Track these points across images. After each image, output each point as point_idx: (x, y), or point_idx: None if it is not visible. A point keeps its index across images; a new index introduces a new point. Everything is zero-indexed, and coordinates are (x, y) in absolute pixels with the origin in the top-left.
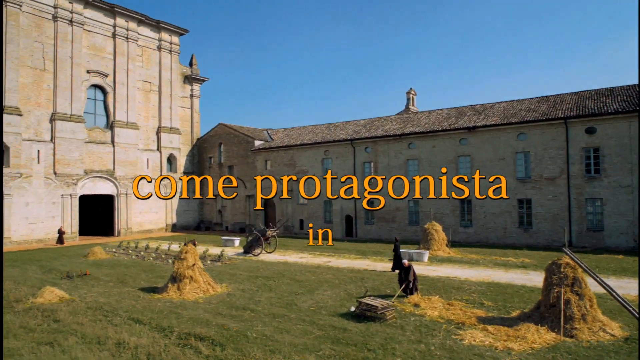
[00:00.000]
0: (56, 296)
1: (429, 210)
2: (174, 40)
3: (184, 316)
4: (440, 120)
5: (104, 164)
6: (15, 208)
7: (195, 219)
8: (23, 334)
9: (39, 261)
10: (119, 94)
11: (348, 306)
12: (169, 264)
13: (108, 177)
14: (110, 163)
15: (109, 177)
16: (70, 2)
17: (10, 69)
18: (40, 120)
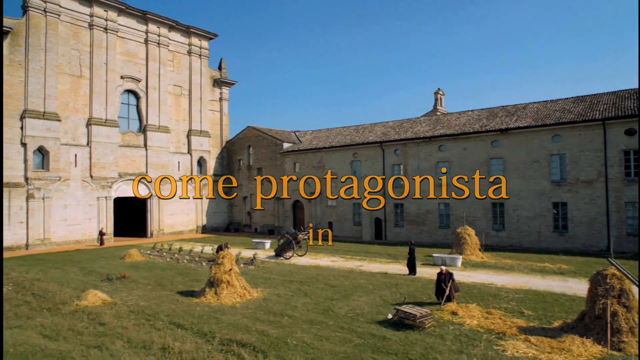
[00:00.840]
0: (99, 299)
1: (460, 213)
2: (203, 44)
3: (223, 321)
4: (471, 122)
5: (137, 167)
6: (55, 210)
7: (225, 220)
8: (72, 336)
9: (78, 263)
10: (151, 99)
11: (385, 313)
12: (203, 267)
13: (141, 179)
14: (143, 166)
15: (142, 180)
16: (105, 10)
17: (50, 76)
18: (77, 125)
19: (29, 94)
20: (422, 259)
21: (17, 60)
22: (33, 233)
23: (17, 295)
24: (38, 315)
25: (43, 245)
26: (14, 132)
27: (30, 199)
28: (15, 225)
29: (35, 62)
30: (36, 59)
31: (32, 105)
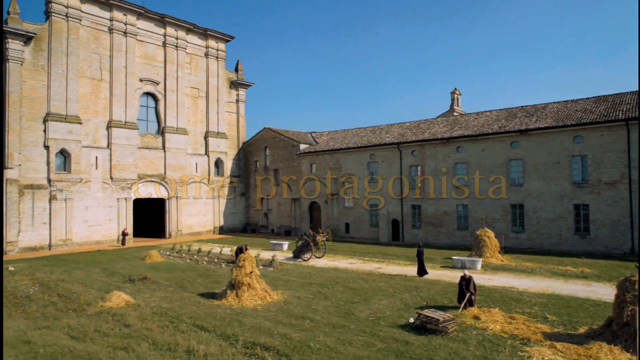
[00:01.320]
0: (123, 300)
1: (479, 214)
2: (220, 47)
3: (246, 324)
4: (489, 123)
5: (156, 168)
6: (76, 211)
7: (242, 221)
8: (98, 338)
9: (100, 264)
10: (169, 101)
11: (406, 317)
12: (222, 268)
13: (160, 181)
14: (161, 168)
15: (160, 181)
16: (125, 15)
17: (71, 80)
18: (98, 127)
19: (51, 97)
20: (440, 262)
21: (40, 65)
22: (55, 234)
23: (44, 296)
24: (64, 316)
25: (65, 246)
26: (37, 135)
27: (52, 200)
28: (38, 226)
29: (57, 66)
30: (58, 63)
31: (55, 108)
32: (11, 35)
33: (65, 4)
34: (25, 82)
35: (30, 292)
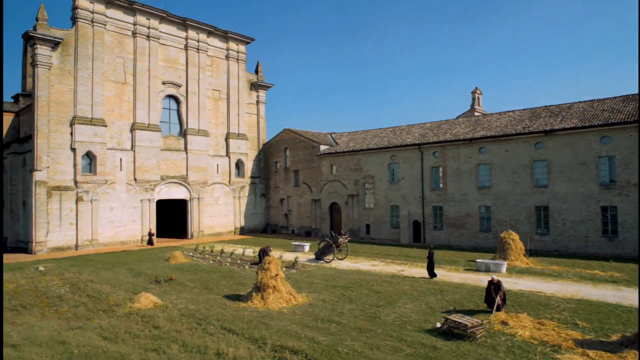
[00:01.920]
0: (151, 302)
1: (502, 216)
2: (240, 49)
3: (272, 327)
4: (512, 123)
5: (178, 170)
6: (102, 212)
7: (262, 222)
8: (129, 339)
9: (126, 264)
10: (191, 103)
11: (432, 321)
12: (245, 270)
13: (181, 182)
14: (183, 169)
15: (182, 183)
16: (148, 19)
17: (97, 84)
18: (122, 130)
19: (77, 101)
20: (464, 264)
21: (67, 70)
22: (82, 234)
23: (74, 296)
24: (95, 317)
25: (91, 246)
26: (64, 138)
27: (79, 201)
28: (65, 227)
29: (83, 71)
30: (84, 67)
31: (81, 112)
32: (40, 41)
33: (90, 9)
34: (53, 86)
35: (61, 293)
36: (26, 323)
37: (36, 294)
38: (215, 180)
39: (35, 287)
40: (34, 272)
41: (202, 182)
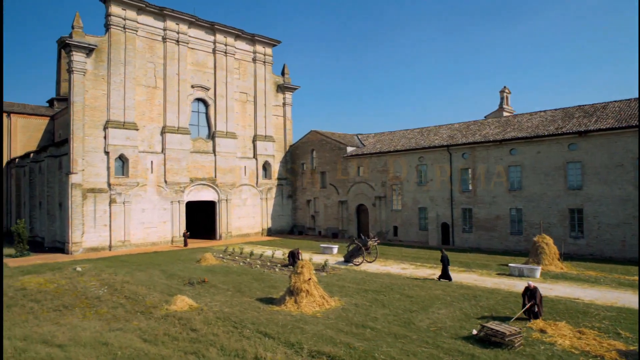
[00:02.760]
0: (186, 304)
1: (533, 219)
2: (267, 51)
3: (308, 331)
4: (544, 124)
5: (207, 172)
6: (134, 214)
7: (289, 223)
8: (169, 341)
9: (159, 265)
10: (219, 106)
11: (467, 328)
12: (276, 272)
13: (210, 184)
14: (212, 171)
15: (211, 185)
16: (177, 24)
17: (128, 89)
18: (153, 133)
19: (110, 105)
20: (496, 268)
21: (101, 75)
22: (115, 235)
23: (112, 297)
24: (134, 319)
25: (124, 247)
26: (98, 142)
27: (112, 203)
28: (99, 228)
29: (116, 76)
30: (117, 72)
31: (114, 116)
32: (75, 48)
33: (122, 16)
34: (88, 91)
35: (100, 294)
36: (69, 323)
37: (76, 295)
38: (243, 182)
39: (74, 287)
40: (72, 272)
41: (230, 183)
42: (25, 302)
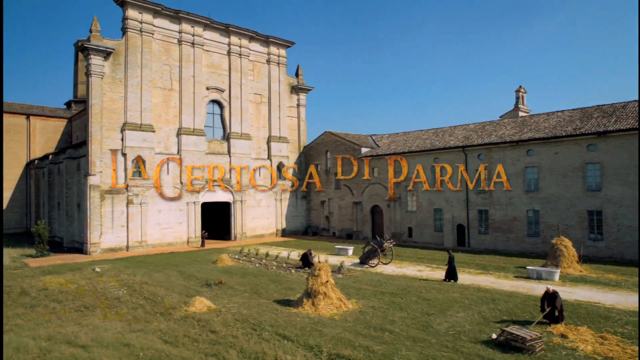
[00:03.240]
0: (205, 306)
1: (551, 221)
2: (281, 53)
3: (326, 334)
4: (562, 124)
5: (222, 173)
6: (150, 215)
7: (303, 224)
8: (189, 343)
9: (176, 266)
10: (234, 107)
11: (487, 332)
12: (292, 274)
13: (225, 185)
14: (227, 172)
15: (226, 186)
16: (192, 26)
17: (145, 91)
18: (169, 135)
19: (127, 108)
20: (513, 271)
21: (118, 78)
22: (132, 236)
23: (131, 298)
24: (154, 320)
25: (140, 247)
26: (116, 144)
27: (129, 204)
28: (117, 229)
29: (133, 79)
30: (134, 75)
31: (131, 118)
32: (93, 52)
33: (139, 19)
34: (105, 94)
35: (119, 295)
36: (91, 324)
37: (96, 295)
38: (258, 183)
39: (94, 287)
40: (91, 273)
41: (245, 184)
42: (47, 302)
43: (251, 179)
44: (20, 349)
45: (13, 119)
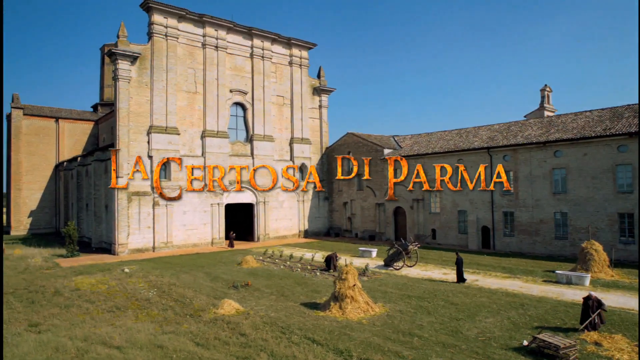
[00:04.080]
0: (233, 308)
1: (579, 223)
2: (303, 54)
3: (355, 338)
4: (590, 125)
5: (245, 174)
6: (176, 216)
7: (325, 225)
8: (220, 346)
9: (202, 268)
10: (256, 109)
11: (518, 338)
12: (317, 276)
13: (248, 186)
14: (250, 174)
15: (249, 187)
16: (216, 30)
17: (170, 94)
18: (193, 137)
19: (153, 111)
20: (541, 275)
21: (144, 82)
22: (158, 237)
23: (161, 300)
24: (184, 322)
25: (166, 248)
26: (142, 147)
27: (155, 206)
28: (144, 230)
29: (158, 83)
30: (159, 79)
31: (156, 121)
32: (121, 57)
33: (164, 24)
34: (132, 98)
35: (149, 296)
36: (124, 325)
37: (126, 296)
38: (280, 184)
39: (124, 288)
40: (120, 273)
41: (268, 186)
42: (80, 303)
43: (274, 181)
44: (59, 349)
45: (43, 122)
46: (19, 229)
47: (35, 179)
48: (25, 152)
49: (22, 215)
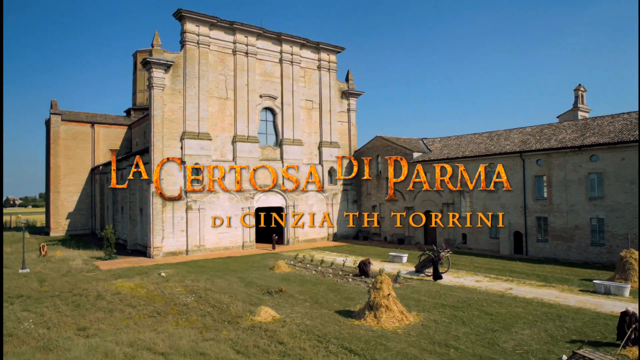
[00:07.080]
0: (270, 315)
1: (617, 229)
2: (331, 58)
3: (391, 349)
4: (628, 128)
5: (274, 178)
6: (208, 220)
7: (354, 228)
8: (259, 354)
9: (235, 272)
10: (286, 114)
11: (556, 352)
12: (349, 282)
13: (278, 190)
14: (279, 177)
15: (278, 191)
16: (246, 36)
17: (202, 101)
18: (224, 142)
19: (186, 117)
20: (577, 284)
21: (177, 89)
22: (191, 240)
23: (199, 305)
24: (223, 328)
25: (199, 251)
26: (175, 152)
27: (188, 210)
28: (177, 234)
29: (191, 89)
30: (192, 86)
31: (189, 127)
32: (155, 65)
33: (196, 32)
34: (166, 105)
35: (188, 301)
36: (166, 331)
37: (165, 301)
38: (309, 188)
39: (163, 293)
40: (157, 277)
41: (297, 189)
42: (123, 307)
43: (303, 184)
44: (108, 354)
45: (79, 127)
46: (57, 230)
47: (72, 182)
48: (63, 156)
49: (61, 217)
